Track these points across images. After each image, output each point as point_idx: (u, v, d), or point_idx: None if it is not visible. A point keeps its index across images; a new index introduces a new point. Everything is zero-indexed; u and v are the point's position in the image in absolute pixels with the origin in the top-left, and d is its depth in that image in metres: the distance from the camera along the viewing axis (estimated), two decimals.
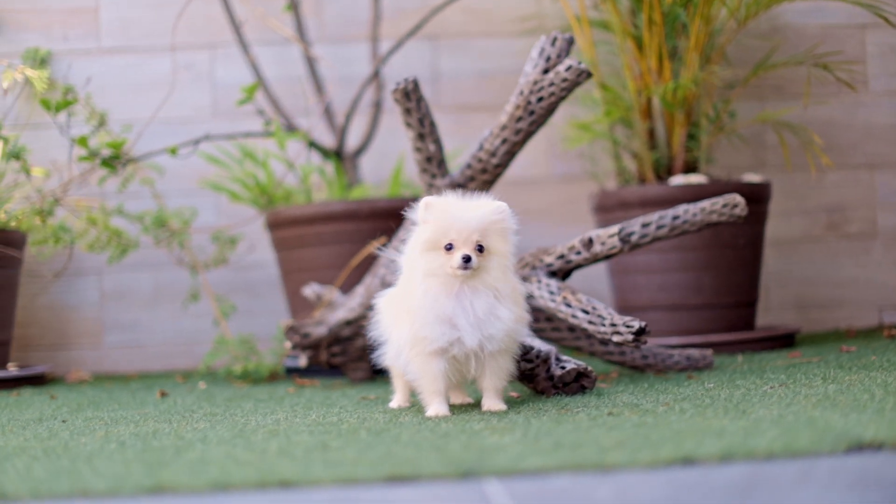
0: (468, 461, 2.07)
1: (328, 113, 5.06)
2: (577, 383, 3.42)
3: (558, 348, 4.78)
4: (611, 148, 4.84)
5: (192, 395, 4.04)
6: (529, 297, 3.88)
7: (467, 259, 2.97)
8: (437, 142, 3.94)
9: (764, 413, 2.62)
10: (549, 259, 3.85)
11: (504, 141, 3.91)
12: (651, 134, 4.71)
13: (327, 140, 5.14)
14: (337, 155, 4.95)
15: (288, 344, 4.19)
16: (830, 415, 2.47)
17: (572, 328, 3.98)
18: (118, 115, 5.20)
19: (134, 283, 5.35)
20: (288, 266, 4.79)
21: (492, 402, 3.12)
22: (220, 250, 4.96)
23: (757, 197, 4.64)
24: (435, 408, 3.06)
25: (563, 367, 3.41)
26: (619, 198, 4.62)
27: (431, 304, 3.01)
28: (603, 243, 3.79)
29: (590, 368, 3.43)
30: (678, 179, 4.57)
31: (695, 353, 3.97)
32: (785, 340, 4.61)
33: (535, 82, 3.85)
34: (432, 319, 3.01)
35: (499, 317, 3.03)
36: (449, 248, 3.00)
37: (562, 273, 3.86)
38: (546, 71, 3.86)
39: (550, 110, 3.87)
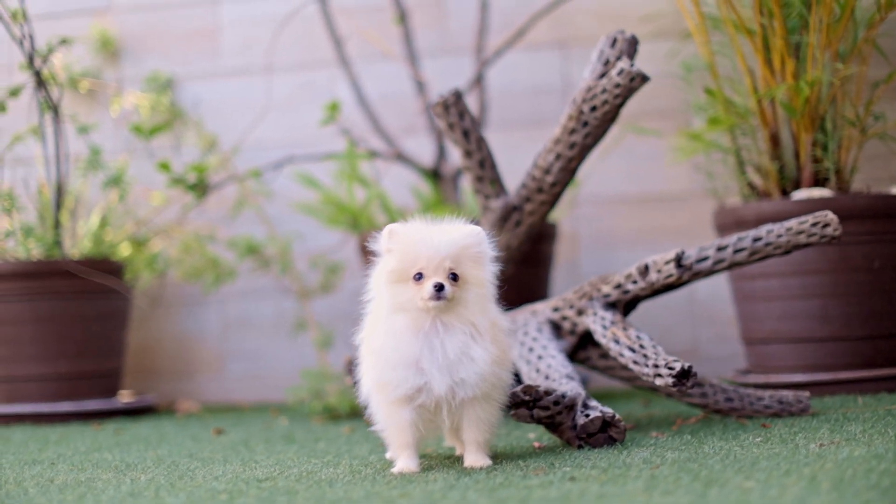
0: None
1: (436, 131, 4.74)
2: (605, 433, 2.97)
3: (632, 390, 4.30)
4: (730, 159, 4.29)
5: (245, 433, 3.82)
6: (588, 332, 3.46)
7: (440, 288, 2.60)
8: (487, 159, 3.57)
9: (719, 491, 2.14)
10: (606, 289, 3.41)
11: (558, 156, 3.50)
12: (776, 143, 4.14)
13: (431, 159, 4.81)
14: (435, 175, 4.62)
15: (349, 379, 3.90)
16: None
17: None
18: (238, 137, 5.07)
19: (256, 312, 5.20)
20: None
21: (474, 458, 2.73)
22: (326, 277, 4.74)
23: None
24: (402, 463, 2.70)
25: (587, 416, 2.97)
26: (735, 216, 4.09)
27: (395, 344, 2.65)
28: (659, 271, 3.32)
29: (617, 417, 2.97)
30: (801, 194, 3.99)
31: (788, 395, 3.41)
32: None
33: (589, 89, 3.43)
34: (395, 362, 2.65)
35: (472, 358, 2.64)
36: (418, 277, 2.63)
37: (622, 304, 3.41)
38: (603, 76, 3.43)
39: (606, 120, 3.44)
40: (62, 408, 4.47)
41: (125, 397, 4.82)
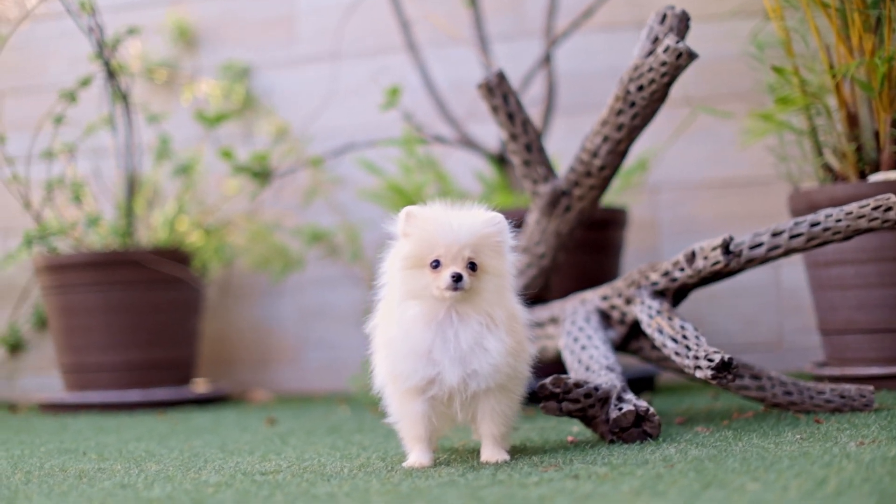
0: None
1: None
2: (639, 428, 2.83)
3: (687, 381, 4.11)
4: (805, 141, 4.08)
5: (296, 423, 3.77)
6: (637, 322, 3.31)
7: (458, 278, 2.49)
8: (534, 142, 3.44)
9: (715, 493, 2.00)
10: (654, 276, 3.26)
11: (605, 139, 3.36)
12: (853, 123, 3.92)
13: (497, 144, 4.68)
14: (500, 159, 4.50)
15: None
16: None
17: None
18: (313, 124, 5.02)
19: (332, 301, 5.15)
20: None
21: (489, 453, 2.63)
22: None
23: None
24: (414, 457, 2.62)
25: (619, 409, 2.83)
26: (809, 200, 3.88)
27: (407, 333, 2.56)
28: (706, 258, 3.16)
29: (651, 411, 2.83)
30: (877, 177, 3.77)
31: (851, 389, 3.21)
32: None
33: (636, 68, 3.28)
34: (407, 352, 2.55)
35: (486, 349, 2.53)
36: (436, 265, 2.52)
37: (670, 293, 3.25)
38: (651, 54, 3.27)
39: (655, 100, 3.28)
40: (130, 397, 4.49)
41: (199, 386, 4.82)
